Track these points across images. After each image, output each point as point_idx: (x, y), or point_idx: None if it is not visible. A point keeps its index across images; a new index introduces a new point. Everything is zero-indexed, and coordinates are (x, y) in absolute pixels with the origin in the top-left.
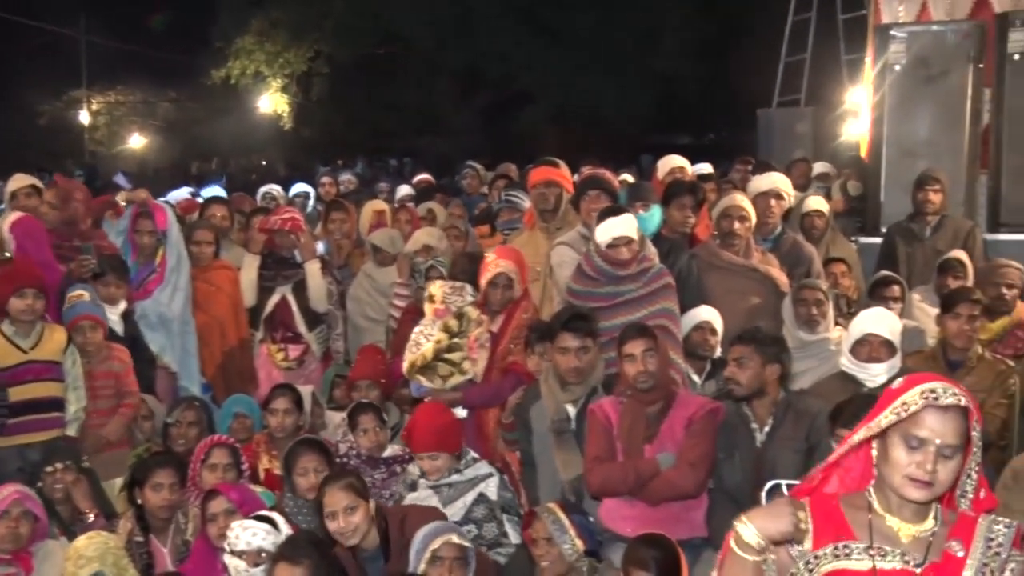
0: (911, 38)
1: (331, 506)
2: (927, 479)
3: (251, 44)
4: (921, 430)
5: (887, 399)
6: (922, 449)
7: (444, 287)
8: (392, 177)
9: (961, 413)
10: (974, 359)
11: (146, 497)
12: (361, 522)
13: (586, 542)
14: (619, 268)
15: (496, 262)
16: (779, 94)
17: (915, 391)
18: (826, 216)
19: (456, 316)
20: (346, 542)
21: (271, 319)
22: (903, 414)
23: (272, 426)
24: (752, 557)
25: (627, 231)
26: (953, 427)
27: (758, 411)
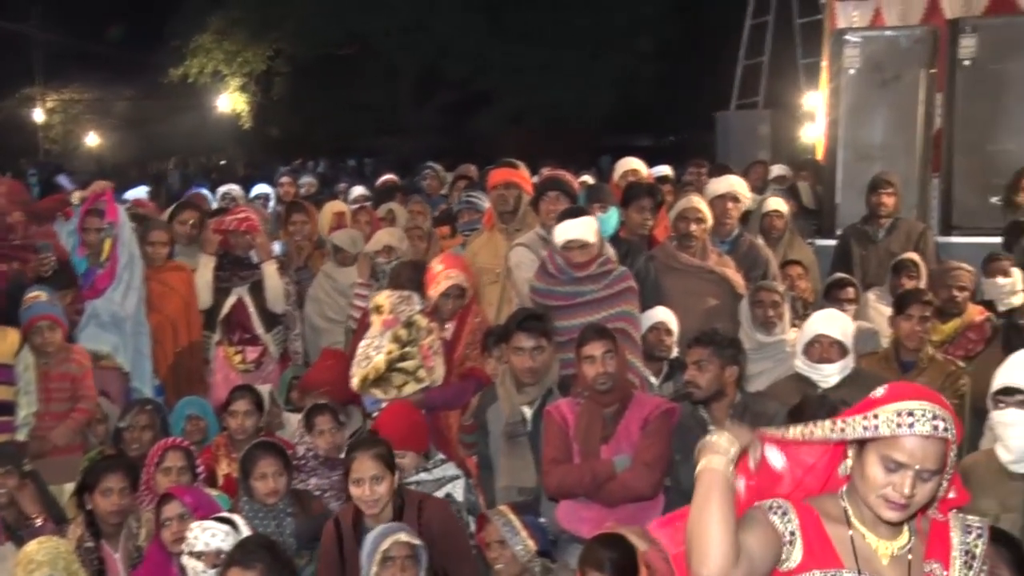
0: (865, 43)
1: (358, 472)
2: (903, 502)
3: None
4: (900, 454)
5: (864, 406)
6: (900, 472)
7: (391, 297)
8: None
9: (942, 439)
10: (925, 360)
11: (96, 502)
12: (385, 494)
13: (538, 542)
14: (575, 270)
15: (446, 273)
16: (737, 97)
17: (891, 410)
18: (785, 217)
19: (405, 325)
20: (367, 511)
21: (228, 321)
22: (871, 432)
23: (232, 428)
24: (725, 466)
25: (582, 235)
26: (933, 452)
27: (715, 413)
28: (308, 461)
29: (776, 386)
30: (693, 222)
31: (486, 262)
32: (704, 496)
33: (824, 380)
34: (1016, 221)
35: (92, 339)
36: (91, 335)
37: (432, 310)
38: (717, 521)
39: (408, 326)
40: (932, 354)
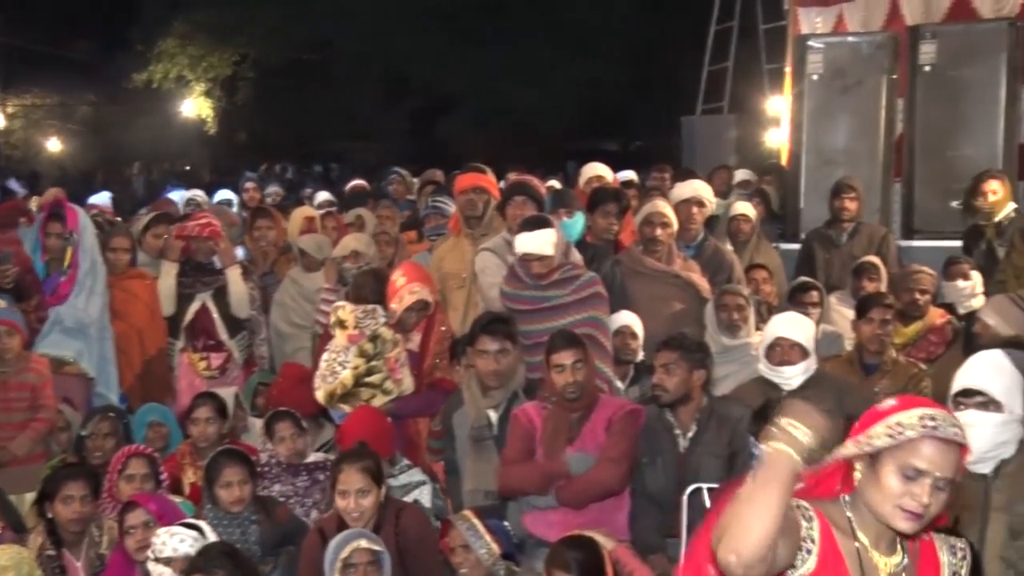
0: (828, 49)
1: (344, 484)
2: (920, 512)
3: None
4: (920, 461)
5: (875, 417)
6: (919, 480)
7: (355, 312)
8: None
9: (958, 447)
10: (888, 363)
11: (56, 510)
12: (370, 507)
13: (502, 546)
14: (536, 279)
15: (409, 288)
16: (703, 102)
17: (912, 414)
18: (752, 221)
19: (371, 339)
20: (351, 523)
21: (192, 327)
22: (898, 437)
23: (194, 436)
24: (797, 459)
25: (538, 248)
26: (952, 459)
27: (682, 417)
28: (271, 468)
29: (741, 389)
30: (659, 227)
31: (452, 267)
32: (765, 483)
33: (786, 383)
34: (975, 225)
35: (55, 345)
36: (54, 341)
37: (396, 323)
38: (770, 515)
39: (373, 340)
40: (895, 357)
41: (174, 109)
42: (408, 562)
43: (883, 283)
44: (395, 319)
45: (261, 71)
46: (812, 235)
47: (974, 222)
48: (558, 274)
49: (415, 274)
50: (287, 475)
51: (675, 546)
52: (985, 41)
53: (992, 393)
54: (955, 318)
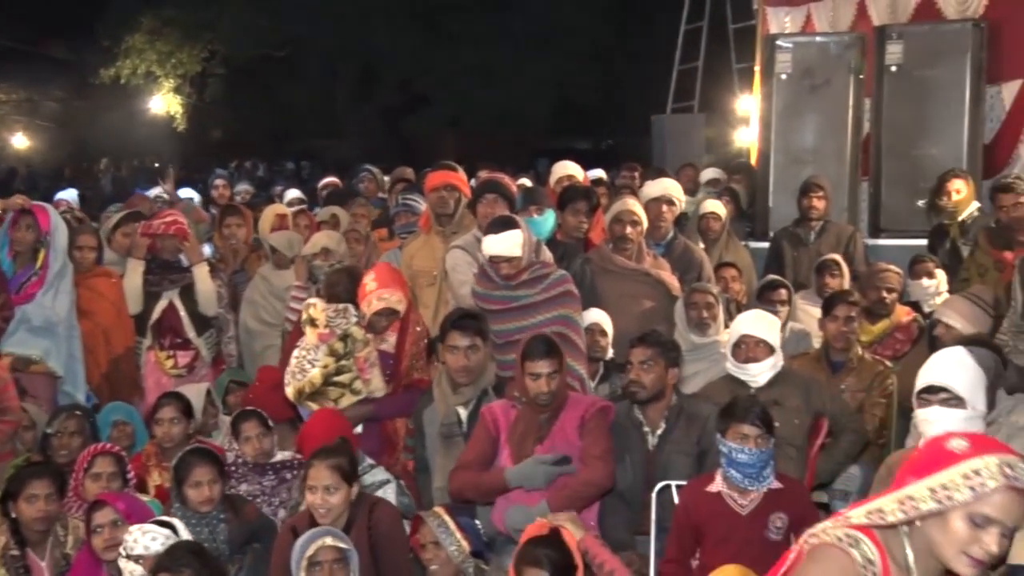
0: (796, 48)
1: (313, 480)
2: (985, 559)
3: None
4: (992, 510)
5: (947, 459)
6: (987, 528)
7: (327, 310)
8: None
9: None
10: (855, 360)
11: (20, 509)
12: (339, 504)
13: (472, 543)
14: (506, 280)
15: (379, 294)
16: (673, 100)
17: (992, 463)
18: (722, 219)
19: (341, 339)
20: (319, 519)
21: (158, 325)
22: (979, 490)
23: (159, 436)
24: None
25: (505, 251)
26: (1022, 509)
27: (651, 415)
28: (238, 468)
29: (709, 387)
30: (628, 225)
31: (423, 264)
32: None
33: (753, 380)
34: (940, 224)
35: (22, 344)
36: (21, 340)
37: (366, 324)
38: None
39: (344, 339)
40: (861, 354)
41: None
42: (379, 558)
43: (845, 279)
44: (365, 321)
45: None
46: (781, 233)
47: (939, 221)
48: (527, 274)
49: (386, 279)
50: (254, 474)
51: (644, 543)
52: (950, 42)
53: (956, 390)
54: (921, 316)
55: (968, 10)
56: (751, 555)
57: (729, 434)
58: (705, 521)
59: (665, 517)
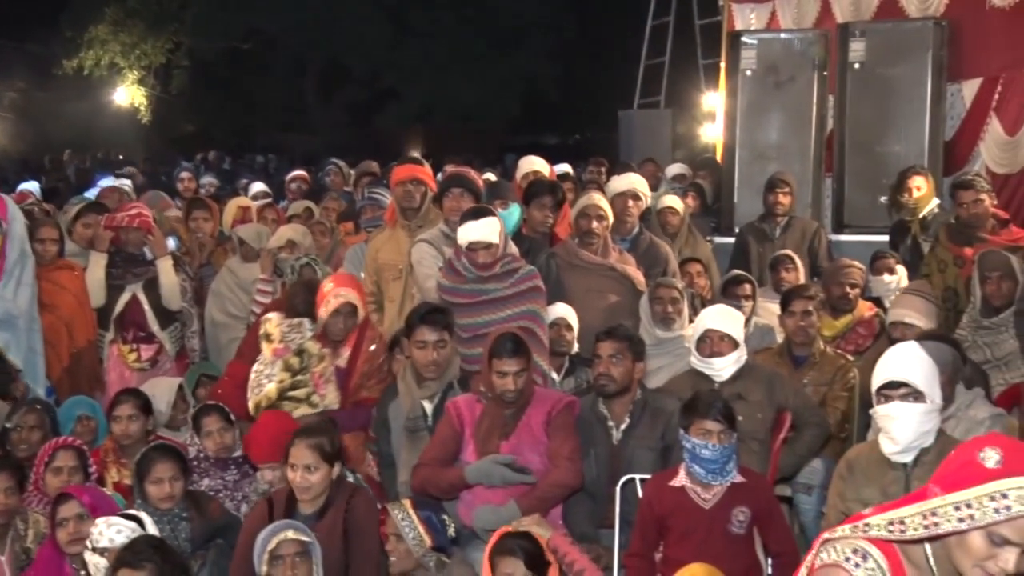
0: (761, 45)
1: (293, 458)
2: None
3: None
4: (1013, 533)
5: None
6: (1006, 547)
7: (281, 325)
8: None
9: None
10: (817, 355)
11: None
12: (318, 483)
13: (434, 539)
14: (479, 270)
15: (336, 292)
16: (639, 96)
17: (1020, 487)
18: (680, 214)
19: (296, 353)
20: (298, 496)
21: (121, 319)
22: (1004, 513)
23: (116, 433)
24: None
25: (485, 236)
26: None
27: (616, 409)
28: (199, 463)
29: (674, 381)
30: (594, 219)
31: (388, 258)
32: None
33: (717, 374)
34: (901, 220)
35: None
36: None
37: (322, 332)
38: None
39: (299, 354)
40: (823, 349)
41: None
42: (351, 545)
43: (800, 274)
44: (321, 327)
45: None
46: (746, 228)
47: (900, 217)
48: (499, 266)
49: (344, 280)
50: (216, 469)
51: (608, 536)
52: (912, 40)
53: (916, 384)
54: (882, 311)
55: (929, 9)
56: (714, 548)
57: (692, 430)
58: (669, 515)
59: (629, 511)
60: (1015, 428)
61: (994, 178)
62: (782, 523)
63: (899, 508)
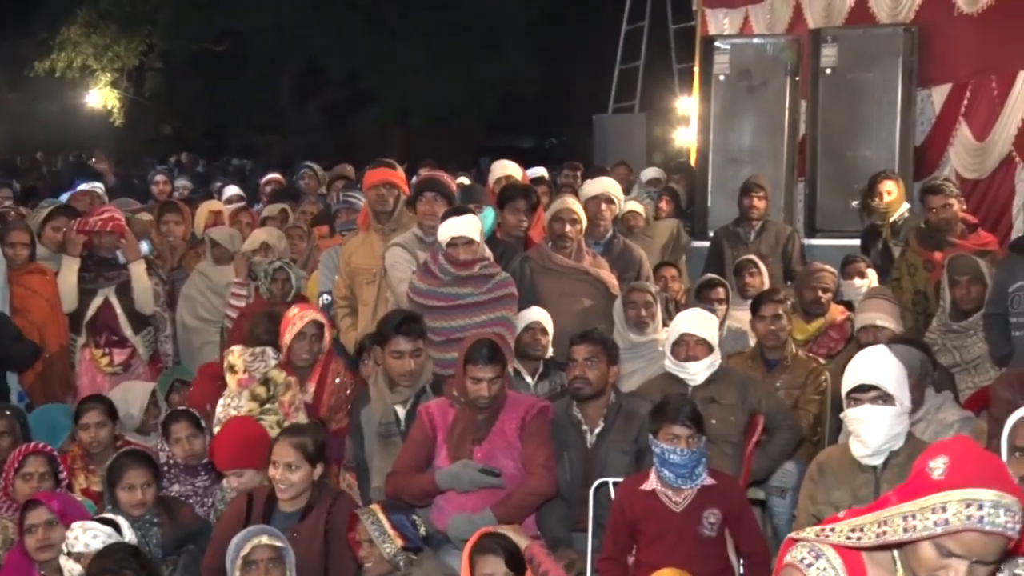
0: (734, 50)
1: (276, 456)
2: None
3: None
4: (956, 546)
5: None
6: (954, 560)
7: (244, 355)
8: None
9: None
10: (789, 358)
11: None
12: (299, 482)
13: (406, 541)
14: (460, 268)
15: (301, 314)
16: (614, 100)
17: (959, 501)
18: (643, 216)
19: (262, 383)
20: (279, 494)
21: (94, 323)
22: (942, 527)
23: (85, 441)
24: None
25: (467, 231)
26: (994, 547)
27: (590, 412)
28: (169, 469)
29: (647, 385)
30: (568, 223)
31: (362, 262)
32: None
33: (692, 378)
34: (872, 224)
35: None
36: None
37: (287, 358)
38: None
39: (265, 383)
40: (795, 352)
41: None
42: (330, 548)
43: (765, 278)
44: (286, 353)
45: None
46: (721, 232)
47: (871, 221)
48: (478, 267)
49: (307, 305)
50: (185, 476)
51: (581, 540)
52: (882, 45)
53: (886, 387)
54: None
55: (900, 15)
56: (685, 551)
57: (660, 435)
58: (640, 519)
59: (603, 514)
60: (983, 431)
61: (963, 183)
62: (752, 524)
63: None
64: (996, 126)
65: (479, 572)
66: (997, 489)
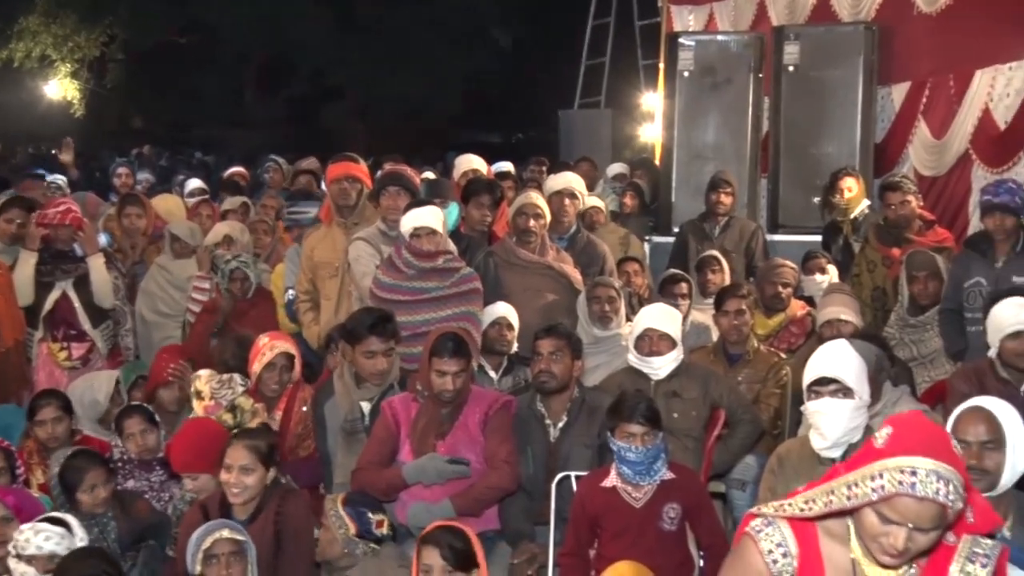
0: (699, 47)
1: (229, 459)
2: (897, 554)
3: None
4: (893, 513)
5: (869, 454)
6: (893, 527)
7: (211, 381)
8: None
9: (938, 504)
10: (751, 352)
11: None
12: (253, 485)
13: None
14: (423, 260)
15: (271, 344)
16: (580, 96)
17: (895, 468)
18: (604, 212)
19: (229, 410)
20: (232, 499)
21: (51, 317)
22: (879, 494)
23: (43, 437)
24: None
25: (429, 222)
26: (929, 514)
27: (553, 407)
28: (124, 464)
29: (610, 379)
30: (531, 218)
31: (324, 256)
32: None
33: (655, 372)
34: (833, 221)
35: None
36: None
37: (255, 386)
38: None
39: (232, 410)
40: (757, 347)
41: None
42: (282, 548)
43: (726, 275)
44: (254, 381)
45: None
46: (687, 227)
47: (832, 218)
48: (441, 260)
49: (278, 334)
50: (140, 471)
51: (544, 533)
52: (843, 43)
53: (845, 380)
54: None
55: (861, 13)
56: (646, 546)
57: (617, 433)
58: (601, 515)
59: (565, 507)
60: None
61: (921, 180)
62: (712, 517)
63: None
64: (953, 124)
65: (421, 562)
66: (935, 459)
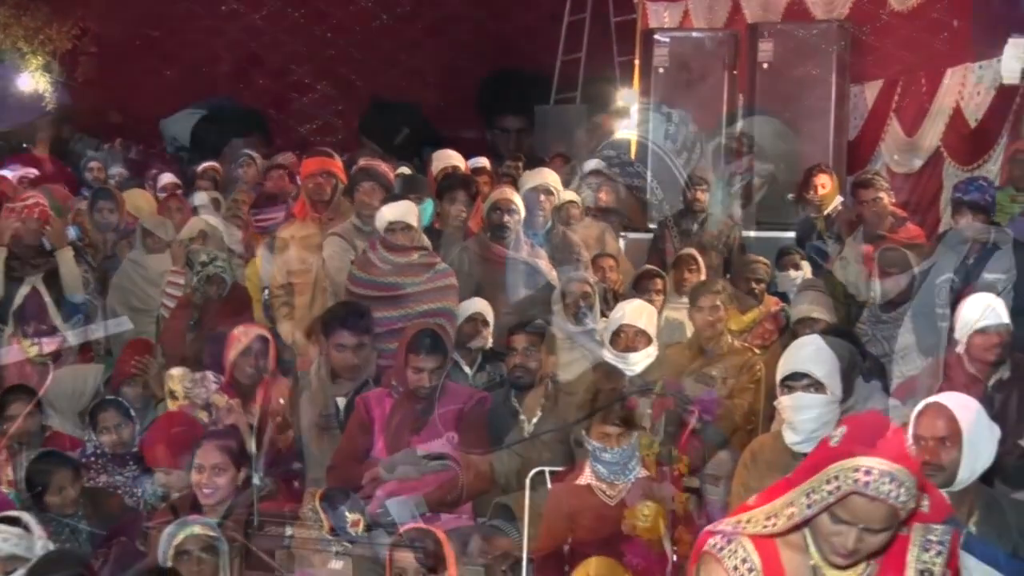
0: (674, 43)
1: (201, 459)
2: (847, 553)
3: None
4: (845, 512)
5: (824, 456)
6: (844, 526)
7: (184, 380)
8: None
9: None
10: (725, 348)
11: None
12: (225, 485)
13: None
14: (398, 255)
15: (246, 331)
16: (556, 92)
17: (850, 468)
18: (580, 206)
19: (204, 408)
20: (203, 499)
21: (21, 312)
22: (835, 495)
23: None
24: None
25: (404, 216)
26: (879, 515)
27: (528, 402)
28: (97, 459)
29: (585, 375)
30: (506, 213)
31: (299, 251)
32: None
33: (630, 368)
34: (807, 217)
35: None
36: None
37: (230, 378)
38: None
39: (206, 408)
40: (731, 342)
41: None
42: None
43: (702, 274)
44: (229, 373)
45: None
46: (664, 223)
47: (806, 214)
48: (416, 255)
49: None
50: (113, 466)
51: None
52: (817, 41)
53: (817, 375)
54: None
55: (834, 11)
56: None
57: (592, 433)
58: (576, 513)
59: (539, 503)
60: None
61: (893, 177)
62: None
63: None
64: (925, 122)
65: (395, 565)
66: (889, 459)
